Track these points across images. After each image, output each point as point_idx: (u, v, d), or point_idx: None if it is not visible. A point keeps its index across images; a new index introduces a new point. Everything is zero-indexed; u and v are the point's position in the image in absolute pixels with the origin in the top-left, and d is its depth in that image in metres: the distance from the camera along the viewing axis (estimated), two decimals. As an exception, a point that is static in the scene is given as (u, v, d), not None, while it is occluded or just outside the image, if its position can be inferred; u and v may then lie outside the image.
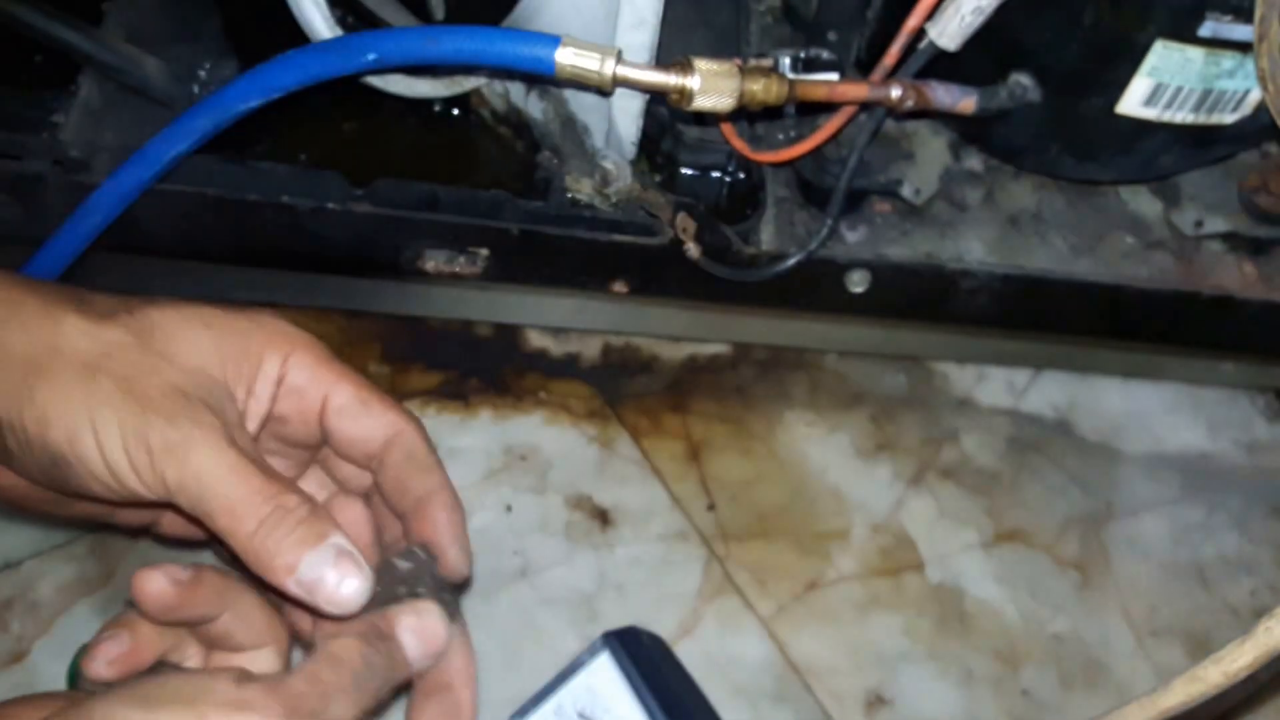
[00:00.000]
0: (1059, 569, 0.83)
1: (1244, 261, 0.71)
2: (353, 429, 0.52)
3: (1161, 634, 0.81)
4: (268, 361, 0.50)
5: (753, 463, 0.84)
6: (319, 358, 0.52)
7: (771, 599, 0.79)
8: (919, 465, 0.86)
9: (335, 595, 0.46)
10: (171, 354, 0.48)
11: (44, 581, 0.73)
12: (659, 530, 0.80)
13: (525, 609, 0.76)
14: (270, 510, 0.45)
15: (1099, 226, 0.71)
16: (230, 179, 0.64)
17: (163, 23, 0.70)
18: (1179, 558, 0.85)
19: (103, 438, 0.45)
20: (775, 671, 0.76)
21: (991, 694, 0.77)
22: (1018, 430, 0.89)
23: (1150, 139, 0.63)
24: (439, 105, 0.72)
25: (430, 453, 0.53)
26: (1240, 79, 0.60)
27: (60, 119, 0.65)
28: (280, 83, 0.60)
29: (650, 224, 0.66)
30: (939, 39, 0.59)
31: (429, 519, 0.52)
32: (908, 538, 0.83)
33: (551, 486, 0.81)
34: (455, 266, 0.67)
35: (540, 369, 0.86)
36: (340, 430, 0.52)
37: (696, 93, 0.57)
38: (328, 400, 0.52)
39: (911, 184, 0.68)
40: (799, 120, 0.69)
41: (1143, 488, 0.88)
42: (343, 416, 0.52)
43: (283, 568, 0.45)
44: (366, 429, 0.52)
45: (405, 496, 0.52)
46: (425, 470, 0.52)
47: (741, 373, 0.88)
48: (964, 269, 0.68)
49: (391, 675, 0.46)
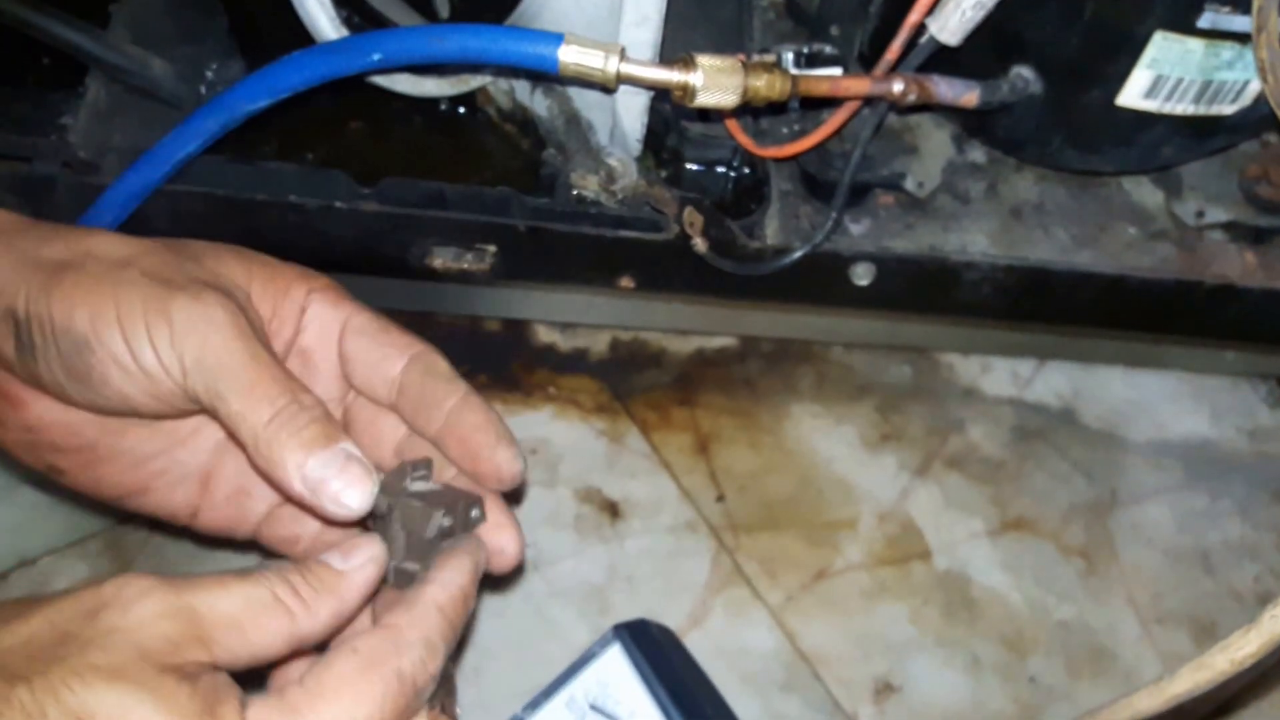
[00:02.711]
0: (1064, 557, 0.83)
1: (1245, 251, 0.71)
2: (370, 348, 0.52)
3: (1167, 620, 0.82)
4: (294, 289, 0.52)
5: (760, 454, 0.85)
6: (341, 295, 0.53)
7: (780, 589, 0.79)
8: (925, 455, 0.87)
9: (338, 498, 0.45)
10: (201, 259, 0.49)
11: (60, 578, 0.74)
12: (668, 522, 0.81)
13: (536, 601, 0.76)
14: (286, 403, 0.45)
15: (1101, 217, 0.71)
16: (238, 179, 0.65)
17: (169, 24, 0.70)
18: (1183, 544, 0.86)
19: (124, 313, 0.45)
20: (784, 660, 0.77)
21: (999, 681, 0.78)
22: (1022, 420, 0.90)
23: (1151, 130, 0.63)
24: (445, 103, 0.72)
25: (451, 369, 0.52)
26: (1240, 70, 0.60)
27: (69, 121, 0.65)
28: (287, 83, 0.60)
29: (656, 220, 0.66)
30: (940, 34, 0.59)
31: (464, 425, 0.51)
32: (914, 527, 0.83)
33: (561, 480, 0.82)
34: (463, 264, 0.68)
35: (549, 364, 0.87)
36: (358, 351, 0.52)
37: (700, 89, 0.57)
38: (347, 323, 0.52)
39: (915, 177, 0.69)
40: (803, 114, 0.69)
41: (1147, 475, 0.88)
42: (361, 336, 0.52)
43: (292, 464, 0.45)
44: (384, 349, 0.52)
45: (433, 413, 0.51)
46: (449, 382, 0.52)
47: (749, 365, 0.89)
48: (967, 261, 0.68)
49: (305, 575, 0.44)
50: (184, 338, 0.45)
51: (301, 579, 0.43)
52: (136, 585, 0.40)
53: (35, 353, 0.46)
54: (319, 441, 0.45)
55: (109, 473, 0.52)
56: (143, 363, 0.45)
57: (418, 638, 0.44)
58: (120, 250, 0.48)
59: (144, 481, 0.53)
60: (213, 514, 0.55)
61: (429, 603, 0.45)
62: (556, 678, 0.62)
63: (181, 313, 0.45)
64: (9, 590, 0.72)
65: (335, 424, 0.47)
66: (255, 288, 0.50)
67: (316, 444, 0.45)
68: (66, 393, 0.48)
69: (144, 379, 0.46)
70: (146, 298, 0.45)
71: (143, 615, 0.40)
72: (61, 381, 0.47)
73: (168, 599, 0.40)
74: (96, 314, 0.45)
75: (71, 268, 0.46)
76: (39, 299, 0.46)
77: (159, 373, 0.46)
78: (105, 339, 0.45)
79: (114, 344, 0.45)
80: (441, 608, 0.45)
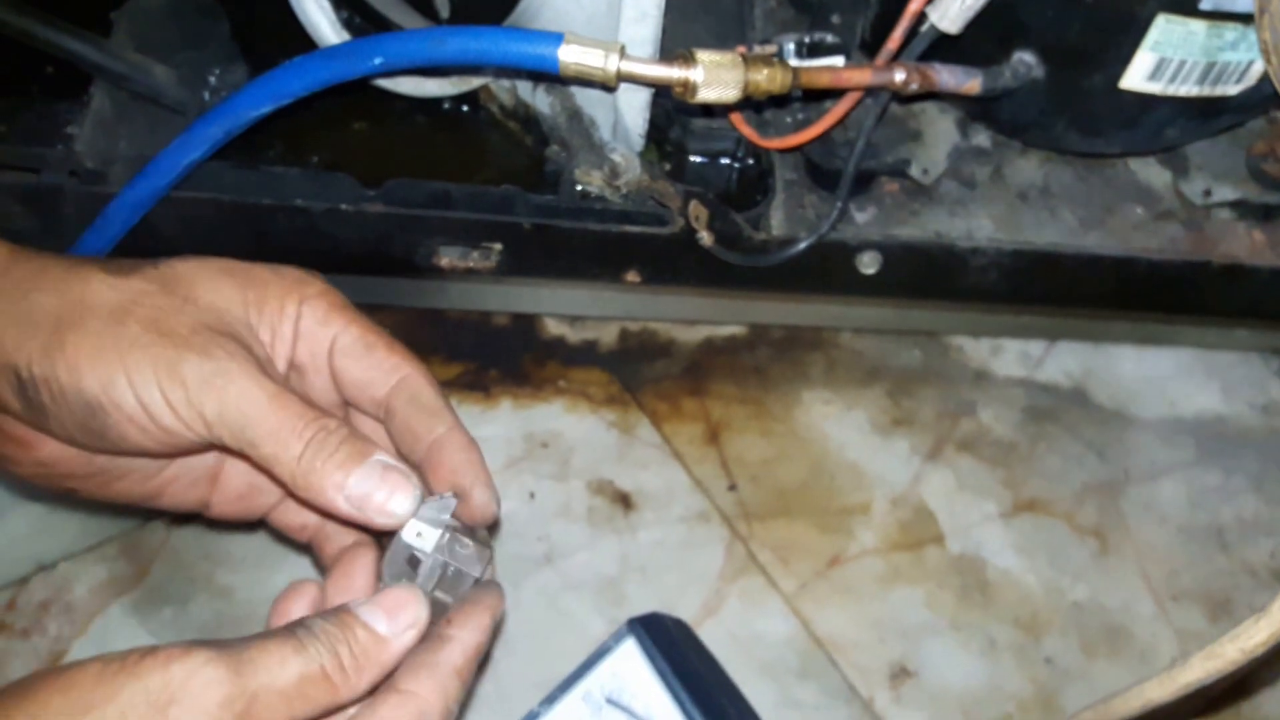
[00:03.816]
0: (1078, 537, 0.83)
1: (1253, 229, 0.71)
2: (356, 371, 0.52)
3: (1182, 598, 0.82)
4: (288, 306, 0.51)
5: (772, 442, 0.85)
6: (332, 304, 0.52)
7: (794, 576, 0.79)
8: (937, 439, 0.87)
9: (385, 507, 0.46)
10: (196, 297, 0.48)
11: (78, 583, 0.74)
12: (681, 512, 0.81)
13: (551, 594, 0.77)
14: (314, 433, 0.46)
15: (1108, 199, 0.71)
16: (244, 184, 0.65)
17: (171, 30, 0.71)
18: (1197, 521, 0.86)
19: (135, 379, 0.45)
20: (800, 648, 0.77)
21: (1014, 663, 0.78)
22: (1033, 400, 0.89)
23: (1155, 112, 0.63)
24: (447, 103, 0.72)
25: (437, 396, 0.52)
26: (1243, 50, 0.60)
27: (75, 130, 0.66)
28: (290, 89, 0.60)
29: (661, 214, 0.67)
30: (940, 22, 0.59)
31: (445, 464, 0.51)
32: (927, 511, 0.84)
33: (573, 473, 0.82)
34: (469, 262, 0.68)
35: (559, 357, 0.87)
36: (345, 372, 0.52)
37: (700, 85, 0.57)
38: (335, 342, 0.52)
39: (920, 163, 0.69)
40: (806, 104, 0.69)
41: (1159, 453, 0.88)
42: (347, 357, 0.52)
43: (331, 486, 0.46)
44: (369, 372, 0.52)
45: (417, 444, 0.52)
46: (432, 414, 0.52)
47: (758, 354, 0.89)
48: (974, 246, 0.68)
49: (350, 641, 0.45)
50: (201, 397, 0.45)
51: (349, 651, 0.44)
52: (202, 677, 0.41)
53: (45, 412, 0.47)
54: (353, 460, 0.46)
55: (123, 487, 0.52)
56: (161, 423, 0.46)
57: (439, 708, 0.45)
58: (112, 297, 0.47)
59: (158, 489, 0.54)
60: (224, 507, 0.56)
61: (449, 669, 0.46)
62: (572, 673, 0.63)
63: (194, 373, 0.45)
64: (29, 595, 0.73)
65: (364, 438, 0.47)
66: (252, 313, 0.50)
67: (351, 462, 0.46)
68: (79, 443, 0.48)
69: (163, 434, 0.46)
70: (155, 360, 0.45)
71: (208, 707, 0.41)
72: (75, 436, 0.48)
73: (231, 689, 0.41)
74: (107, 380, 0.45)
75: (70, 326, 0.46)
76: (42, 362, 0.46)
77: (180, 429, 0.46)
78: (120, 404, 0.46)
79: (129, 408, 0.46)
80: (460, 671, 0.47)
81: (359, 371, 0.52)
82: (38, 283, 0.48)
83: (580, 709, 0.62)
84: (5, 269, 0.48)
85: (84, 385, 0.46)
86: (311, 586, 0.51)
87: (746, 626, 0.77)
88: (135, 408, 0.46)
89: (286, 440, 0.46)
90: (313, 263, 0.72)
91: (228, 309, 0.49)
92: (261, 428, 0.46)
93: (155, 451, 0.48)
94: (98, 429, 0.47)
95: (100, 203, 0.64)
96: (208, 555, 0.76)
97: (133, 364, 0.45)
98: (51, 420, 0.47)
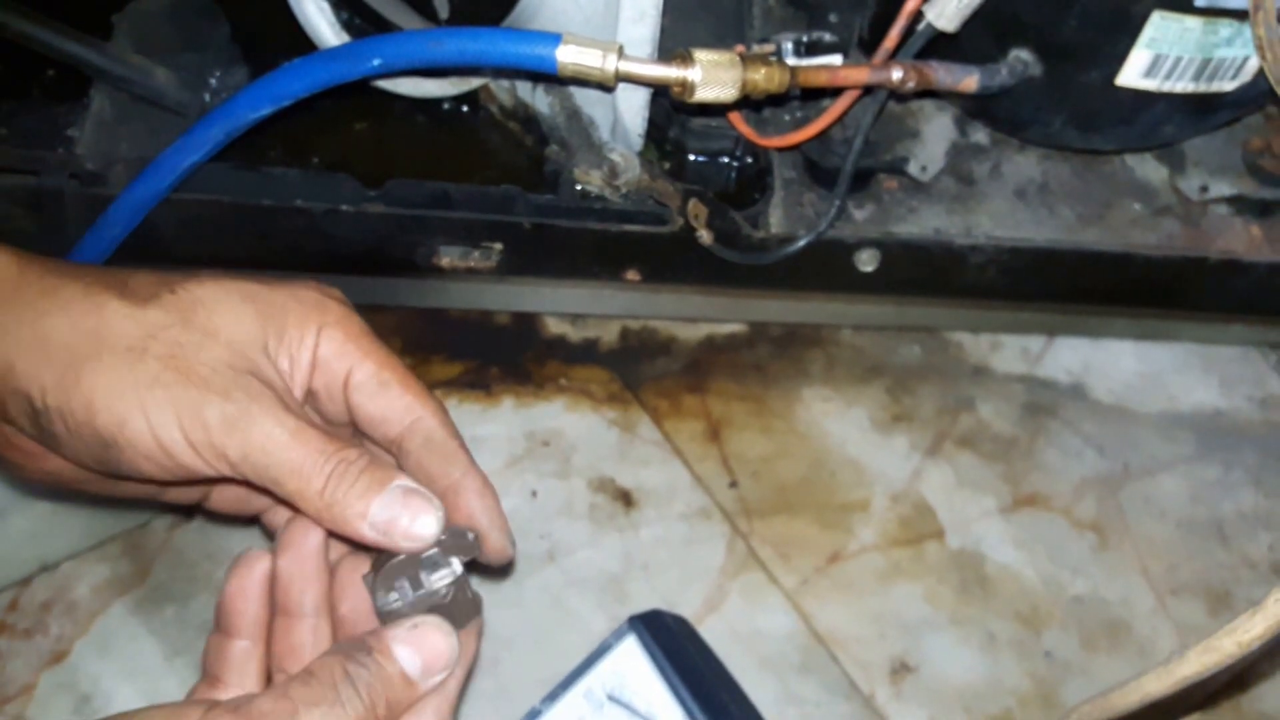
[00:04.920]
0: (1078, 531, 0.84)
1: (1250, 224, 0.71)
2: (370, 408, 0.52)
3: (1181, 592, 0.82)
4: (306, 335, 0.51)
5: (772, 439, 0.85)
6: (349, 333, 0.52)
7: (795, 572, 0.80)
8: (936, 435, 0.87)
9: (410, 531, 0.46)
10: (215, 329, 0.48)
11: (81, 582, 0.74)
12: (682, 509, 0.81)
13: (554, 592, 0.77)
14: (335, 465, 0.46)
15: (1106, 195, 0.72)
16: (244, 185, 0.65)
17: (171, 32, 0.71)
18: (1197, 515, 0.86)
19: (154, 419, 0.45)
20: (801, 643, 0.77)
21: (1015, 657, 0.78)
22: (1033, 396, 0.90)
23: (1152, 109, 0.64)
24: (447, 103, 0.72)
25: (451, 437, 0.52)
26: (1239, 46, 0.60)
27: (75, 133, 0.66)
28: (290, 90, 0.60)
29: (660, 213, 0.67)
30: (937, 21, 0.59)
31: (461, 509, 0.51)
32: (927, 506, 0.84)
33: (575, 471, 0.82)
34: (470, 261, 0.68)
35: (560, 355, 0.87)
36: (360, 408, 0.52)
37: (698, 85, 0.58)
38: (350, 376, 0.52)
39: (918, 160, 0.69)
40: (804, 102, 0.69)
41: (1158, 448, 0.88)
42: (361, 394, 0.52)
43: (355, 516, 0.46)
44: (383, 410, 0.52)
45: (432, 487, 0.51)
46: (446, 457, 0.51)
47: (758, 351, 0.89)
48: (973, 243, 0.69)
49: (386, 691, 0.45)
50: (224, 440, 0.45)
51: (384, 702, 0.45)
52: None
53: (59, 440, 0.47)
54: (374, 489, 0.46)
55: (127, 487, 0.52)
56: (179, 461, 0.46)
57: None
58: (130, 329, 0.47)
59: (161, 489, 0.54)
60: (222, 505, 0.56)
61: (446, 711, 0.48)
62: (573, 670, 0.63)
63: (216, 416, 0.45)
64: (31, 595, 0.73)
65: (383, 464, 0.47)
66: (271, 342, 0.50)
67: (372, 491, 0.46)
68: (90, 468, 0.49)
69: (179, 469, 0.47)
70: (176, 400, 0.45)
71: None
72: (86, 463, 0.48)
73: None
74: (122, 419, 0.45)
75: (86, 359, 0.46)
76: (57, 394, 0.46)
77: (200, 466, 0.46)
78: (135, 442, 0.46)
79: (146, 446, 0.46)
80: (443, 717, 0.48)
81: (373, 409, 0.52)
82: (51, 305, 0.47)
83: (582, 706, 0.63)
84: (16, 286, 0.48)
85: (99, 422, 0.46)
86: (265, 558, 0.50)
87: (747, 622, 0.77)
88: (152, 446, 0.46)
89: (309, 476, 0.46)
90: (314, 263, 0.72)
91: (248, 341, 0.49)
92: (285, 467, 0.46)
93: (168, 481, 0.48)
94: (111, 461, 0.47)
95: (101, 205, 0.64)
96: (210, 554, 0.76)
97: (151, 403, 0.45)
98: (64, 448, 0.47)
